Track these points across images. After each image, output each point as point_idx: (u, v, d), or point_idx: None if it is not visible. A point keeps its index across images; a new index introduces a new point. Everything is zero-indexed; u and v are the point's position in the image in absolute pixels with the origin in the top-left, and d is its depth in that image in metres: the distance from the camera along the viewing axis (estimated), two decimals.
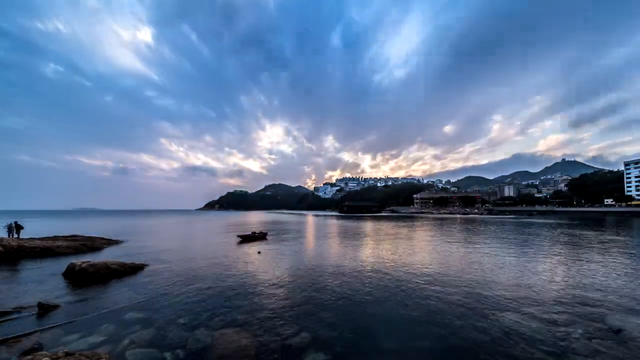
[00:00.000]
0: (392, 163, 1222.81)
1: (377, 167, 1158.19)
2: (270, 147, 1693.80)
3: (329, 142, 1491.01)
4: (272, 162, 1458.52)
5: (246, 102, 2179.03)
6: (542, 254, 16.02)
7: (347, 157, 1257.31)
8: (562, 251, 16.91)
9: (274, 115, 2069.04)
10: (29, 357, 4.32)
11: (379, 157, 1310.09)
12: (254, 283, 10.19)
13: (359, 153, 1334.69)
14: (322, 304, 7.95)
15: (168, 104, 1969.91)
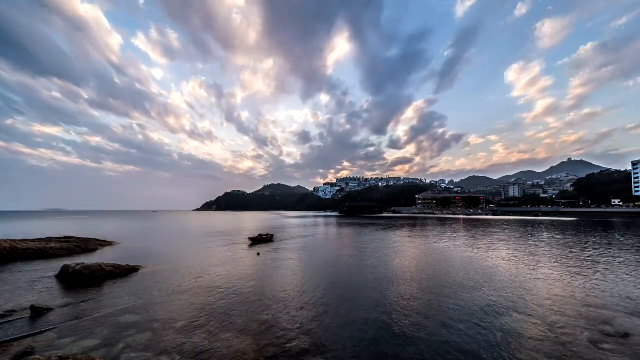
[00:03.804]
0: None
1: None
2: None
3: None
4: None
5: None
6: (545, 255, 15.65)
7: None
8: (567, 253, 16.52)
9: None
10: None
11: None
12: (253, 285, 9.99)
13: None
14: (323, 307, 7.73)
15: None
